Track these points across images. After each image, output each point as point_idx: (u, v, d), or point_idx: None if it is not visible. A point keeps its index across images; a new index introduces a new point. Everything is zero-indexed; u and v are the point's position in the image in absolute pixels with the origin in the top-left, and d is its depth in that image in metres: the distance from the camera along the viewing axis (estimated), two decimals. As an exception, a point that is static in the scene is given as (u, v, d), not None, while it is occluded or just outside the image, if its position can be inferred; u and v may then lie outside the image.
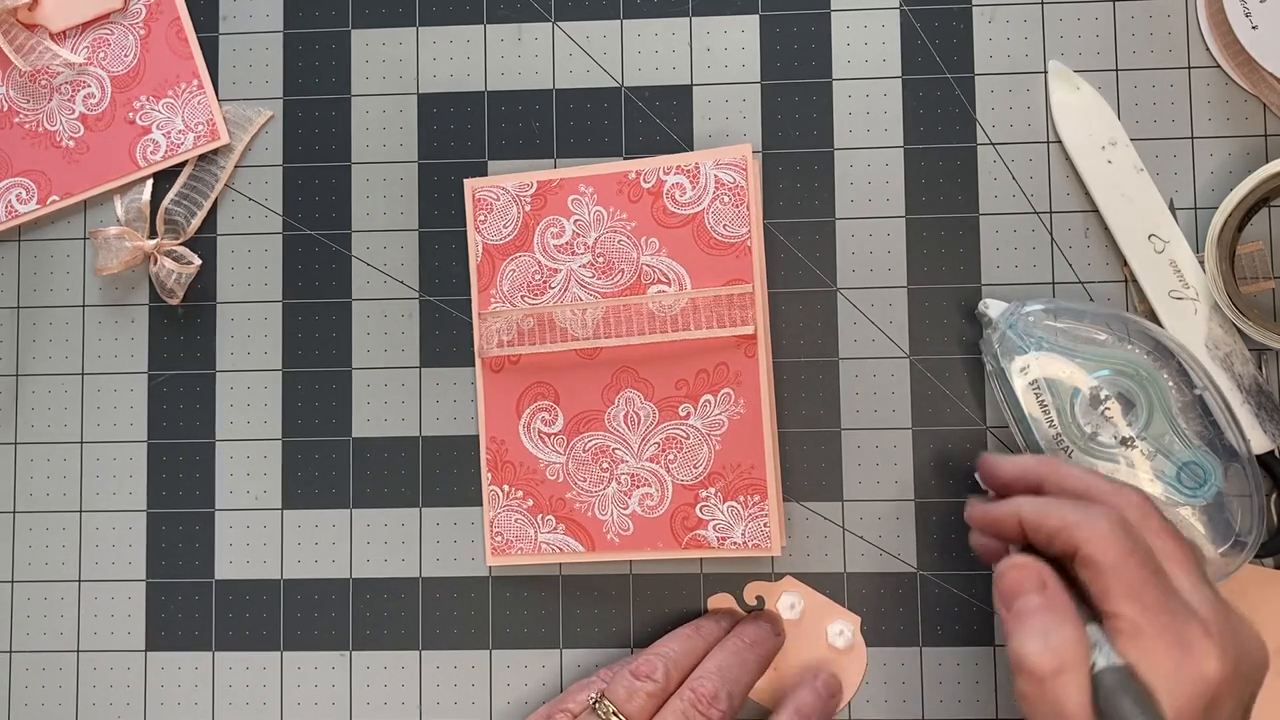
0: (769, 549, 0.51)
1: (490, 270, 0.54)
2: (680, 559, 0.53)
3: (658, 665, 0.48)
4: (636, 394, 0.53)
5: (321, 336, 0.55)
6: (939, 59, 0.54)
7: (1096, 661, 0.39)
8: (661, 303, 0.52)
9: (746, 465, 0.52)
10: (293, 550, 0.55)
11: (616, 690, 0.48)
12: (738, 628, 0.51)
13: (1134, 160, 0.53)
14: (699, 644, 0.50)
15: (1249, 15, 0.51)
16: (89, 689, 0.55)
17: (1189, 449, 0.48)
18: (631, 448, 0.53)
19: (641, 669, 0.48)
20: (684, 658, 0.49)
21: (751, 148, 0.53)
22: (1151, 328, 0.50)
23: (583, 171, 0.54)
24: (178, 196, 0.56)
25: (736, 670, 0.49)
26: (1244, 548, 0.48)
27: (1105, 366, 0.49)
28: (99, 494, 0.56)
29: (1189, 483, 0.48)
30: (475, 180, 0.55)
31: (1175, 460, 0.48)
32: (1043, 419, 0.49)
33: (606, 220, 0.53)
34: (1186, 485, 0.48)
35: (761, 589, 0.53)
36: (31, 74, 0.57)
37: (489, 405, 0.54)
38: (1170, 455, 0.48)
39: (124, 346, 0.56)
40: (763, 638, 0.51)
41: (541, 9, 0.55)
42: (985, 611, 0.52)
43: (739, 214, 0.52)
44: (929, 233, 0.54)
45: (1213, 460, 0.48)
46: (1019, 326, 0.50)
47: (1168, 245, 0.52)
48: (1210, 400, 0.49)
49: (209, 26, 0.57)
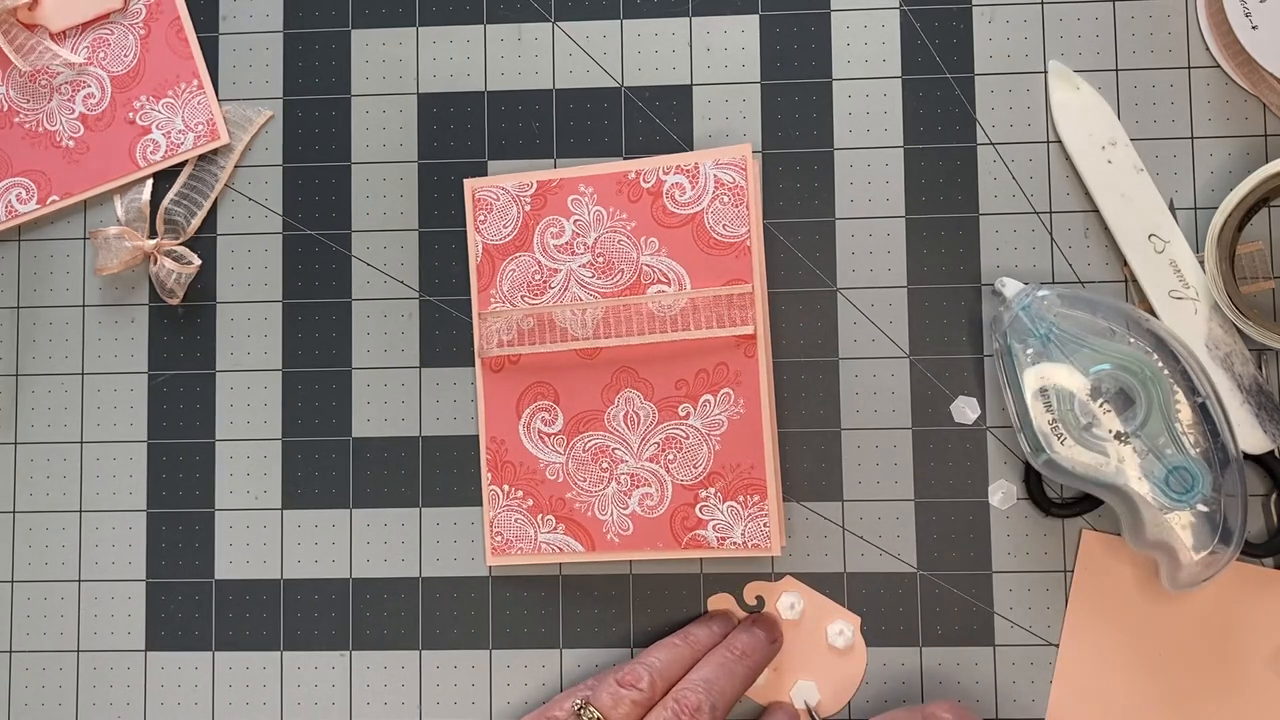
0: (769, 549, 0.51)
1: (490, 270, 0.54)
2: (680, 559, 0.53)
3: (643, 674, 0.48)
4: (636, 394, 0.53)
5: (321, 336, 0.55)
6: (939, 59, 0.54)
7: None
8: (661, 303, 0.52)
9: (746, 465, 0.52)
10: (293, 550, 0.55)
11: (601, 698, 0.47)
12: (729, 637, 0.51)
13: (1134, 160, 0.53)
14: (686, 653, 0.50)
15: (1249, 15, 0.51)
16: (89, 689, 0.55)
17: (1181, 454, 0.48)
18: (631, 448, 0.53)
19: (627, 678, 0.48)
20: (670, 667, 0.49)
21: (751, 147, 0.53)
22: (1160, 329, 0.49)
23: (582, 171, 0.54)
24: (178, 196, 0.56)
25: (723, 682, 0.49)
26: (1224, 553, 0.48)
27: (1110, 360, 0.49)
28: (99, 494, 0.56)
29: (1176, 487, 0.48)
30: (475, 180, 0.55)
31: (1166, 463, 0.48)
32: (1041, 404, 0.49)
33: (606, 220, 0.53)
34: (1173, 489, 0.48)
35: (761, 589, 0.53)
36: (31, 74, 0.57)
37: (489, 405, 0.54)
38: (1162, 457, 0.48)
39: (124, 346, 0.56)
40: (754, 648, 0.51)
41: (541, 9, 0.55)
42: (985, 611, 0.52)
43: (739, 214, 0.52)
44: (929, 233, 0.54)
45: (1203, 469, 0.48)
46: (1032, 309, 0.50)
47: (1168, 245, 0.52)
48: (1211, 409, 0.48)
49: (209, 26, 0.57)
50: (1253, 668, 0.51)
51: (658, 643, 0.51)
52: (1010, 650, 0.52)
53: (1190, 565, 0.48)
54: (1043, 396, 0.49)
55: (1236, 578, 0.51)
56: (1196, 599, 0.52)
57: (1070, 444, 0.49)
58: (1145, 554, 0.50)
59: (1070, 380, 0.49)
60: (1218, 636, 0.51)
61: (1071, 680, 0.52)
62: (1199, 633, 0.51)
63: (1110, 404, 0.49)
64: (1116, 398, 0.49)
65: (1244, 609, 0.51)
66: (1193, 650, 0.51)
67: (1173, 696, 0.51)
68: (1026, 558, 0.53)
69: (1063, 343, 0.49)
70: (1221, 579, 0.50)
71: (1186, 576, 0.49)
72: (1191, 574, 0.48)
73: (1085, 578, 0.52)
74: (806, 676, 0.53)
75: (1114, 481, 0.49)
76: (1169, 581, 0.49)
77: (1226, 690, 0.51)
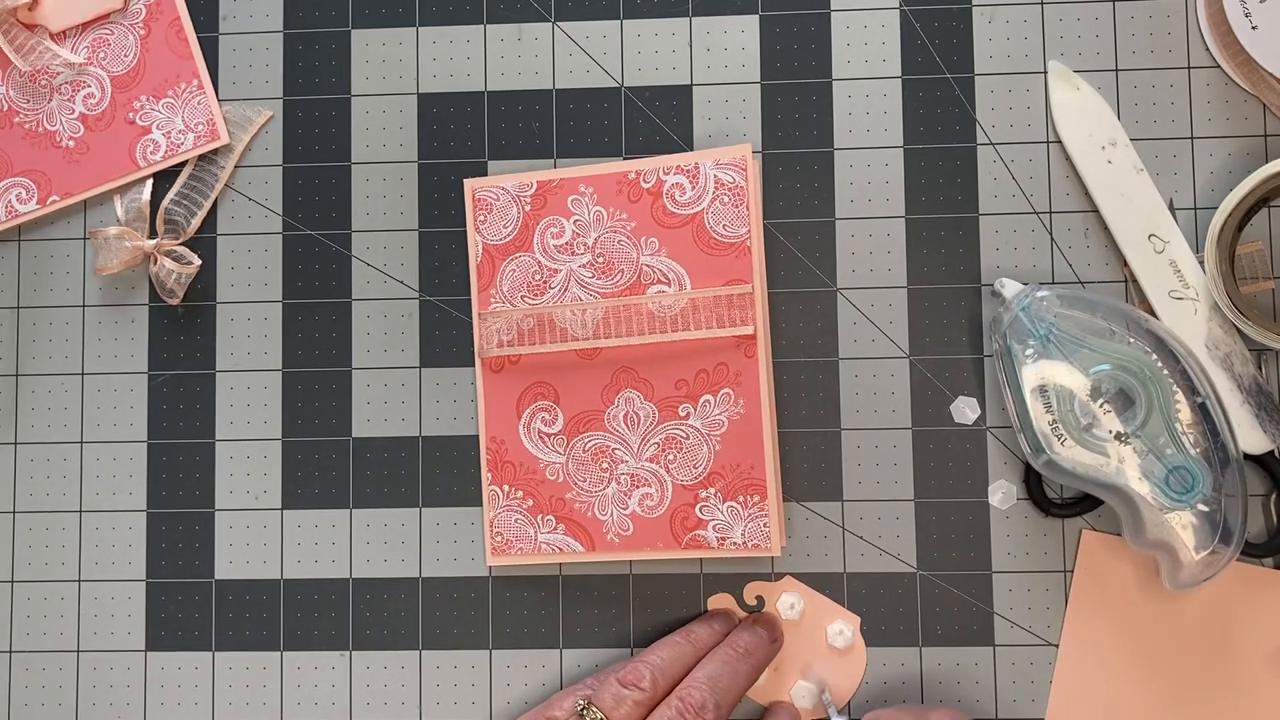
0: (769, 549, 0.51)
1: (490, 270, 0.54)
2: (680, 559, 0.53)
3: (645, 673, 0.48)
4: (636, 394, 0.53)
5: (321, 336, 0.55)
6: (939, 59, 0.54)
7: None
8: (661, 303, 0.52)
9: (746, 465, 0.52)
10: (293, 550, 0.55)
11: (603, 698, 0.47)
12: (731, 635, 0.51)
13: (1134, 160, 0.53)
14: (689, 651, 0.50)
15: (1249, 15, 0.51)
16: (89, 689, 0.55)
17: (1181, 454, 0.48)
18: (631, 448, 0.53)
19: (629, 677, 0.48)
20: (672, 665, 0.49)
21: (751, 148, 0.53)
22: (1160, 329, 0.49)
23: (582, 172, 0.54)
24: (178, 196, 0.56)
25: (726, 680, 0.48)
26: (1224, 553, 0.48)
27: (1110, 361, 0.49)
28: (99, 494, 0.56)
29: (1176, 487, 0.48)
30: (475, 180, 0.55)
31: (1166, 463, 0.48)
32: (1041, 405, 0.49)
33: (606, 220, 0.53)
34: (1174, 489, 0.48)
35: (761, 589, 0.53)
36: (31, 74, 0.57)
37: (489, 405, 0.54)
38: (1162, 457, 0.48)
39: (124, 346, 0.56)
40: (756, 646, 0.51)
41: (541, 9, 0.55)
42: (985, 611, 0.52)
43: (739, 214, 0.52)
44: (929, 233, 0.54)
45: (1203, 469, 0.48)
46: (1031, 310, 0.50)
47: (1168, 245, 0.52)
48: (1211, 409, 0.48)
49: (209, 26, 0.57)
50: (1253, 668, 0.51)
51: (659, 641, 0.51)
52: (1010, 650, 0.52)
53: (1191, 565, 0.48)
54: (1042, 397, 0.49)
55: (1236, 578, 0.52)
56: (1196, 599, 0.52)
57: (1070, 444, 0.49)
58: (1146, 554, 0.50)
59: (1070, 380, 0.49)
60: (1218, 636, 0.51)
61: (1071, 680, 0.52)
62: (1199, 633, 0.51)
63: (1110, 404, 0.49)
64: (1116, 398, 0.49)
65: (1244, 609, 0.51)
66: (1193, 650, 0.51)
67: (1173, 696, 0.51)
68: (1026, 558, 0.53)
69: (1062, 343, 0.49)
70: (1221, 579, 0.51)
71: (1187, 576, 0.49)
72: (1192, 573, 0.48)
73: (1085, 578, 0.52)
74: (807, 677, 0.53)
75: (1114, 482, 0.49)
76: (1170, 581, 0.49)
77: (1226, 690, 0.51)
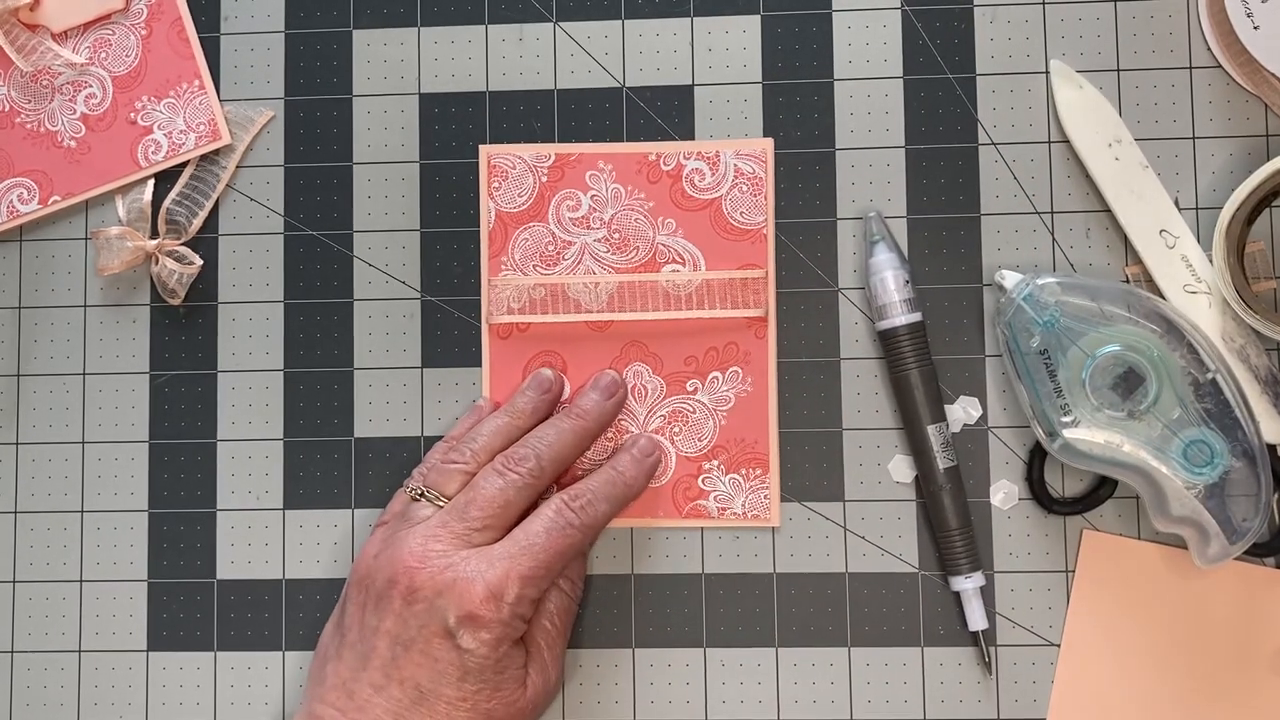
0: (768, 520, 0.52)
1: (503, 236, 0.54)
2: (680, 528, 0.53)
3: (465, 450, 0.51)
4: (645, 368, 0.53)
5: (323, 337, 0.55)
6: (940, 59, 0.54)
7: None
8: (675, 281, 0.53)
9: (750, 440, 0.52)
10: (294, 550, 0.55)
11: (431, 478, 0.51)
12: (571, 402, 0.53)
13: (1139, 157, 0.53)
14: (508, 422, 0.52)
15: (1250, 15, 0.51)
16: (90, 689, 0.55)
17: (1197, 427, 0.49)
18: (638, 419, 0.53)
19: (451, 455, 0.51)
20: (494, 438, 0.51)
21: (773, 143, 0.53)
22: (1164, 307, 0.50)
23: (602, 149, 0.54)
24: (179, 196, 0.56)
25: (551, 436, 0.50)
26: (1242, 537, 0.48)
27: (1116, 341, 0.49)
28: (100, 494, 0.56)
29: (1196, 460, 0.49)
30: (492, 146, 0.55)
31: (1183, 437, 0.49)
32: (1052, 389, 0.50)
33: (624, 198, 0.54)
34: (1193, 462, 0.49)
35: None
36: (33, 74, 0.57)
37: (494, 373, 0.54)
38: (1178, 432, 0.49)
39: (125, 346, 0.56)
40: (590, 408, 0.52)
41: (543, 9, 0.55)
42: (986, 612, 0.52)
43: (757, 203, 0.53)
44: (930, 233, 0.54)
45: (1220, 439, 0.48)
46: (1033, 298, 0.50)
47: (1178, 240, 0.52)
48: (1222, 382, 0.49)
49: (210, 27, 0.57)
50: (1253, 668, 0.51)
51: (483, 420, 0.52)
52: (1010, 650, 0.52)
53: (1220, 540, 0.48)
54: (1052, 382, 0.50)
55: (1237, 578, 0.52)
56: (1197, 599, 0.52)
57: (1085, 427, 0.49)
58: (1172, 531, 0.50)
59: (1079, 364, 0.49)
60: (1220, 636, 0.51)
61: (1072, 680, 0.52)
62: (1201, 633, 0.51)
63: (1121, 384, 0.49)
64: (1127, 377, 0.49)
65: (1244, 609, 0.51)
66: (1193, 650, 0.51)
67: (1174, 696, 0.51)
68: (1028, 558, 0.53)
69: (1067, 328, 0.50)
70: (1223, 579, 0.51)
71: (1217, 551, 0.49)
72: (1222, 548, 0.48)
73: (1086, 578, 0.52)
74: None
75: (1132, 461, 0.49)
76: (1199, 557, 0.49)
77: (1227, 690, 0.51)
